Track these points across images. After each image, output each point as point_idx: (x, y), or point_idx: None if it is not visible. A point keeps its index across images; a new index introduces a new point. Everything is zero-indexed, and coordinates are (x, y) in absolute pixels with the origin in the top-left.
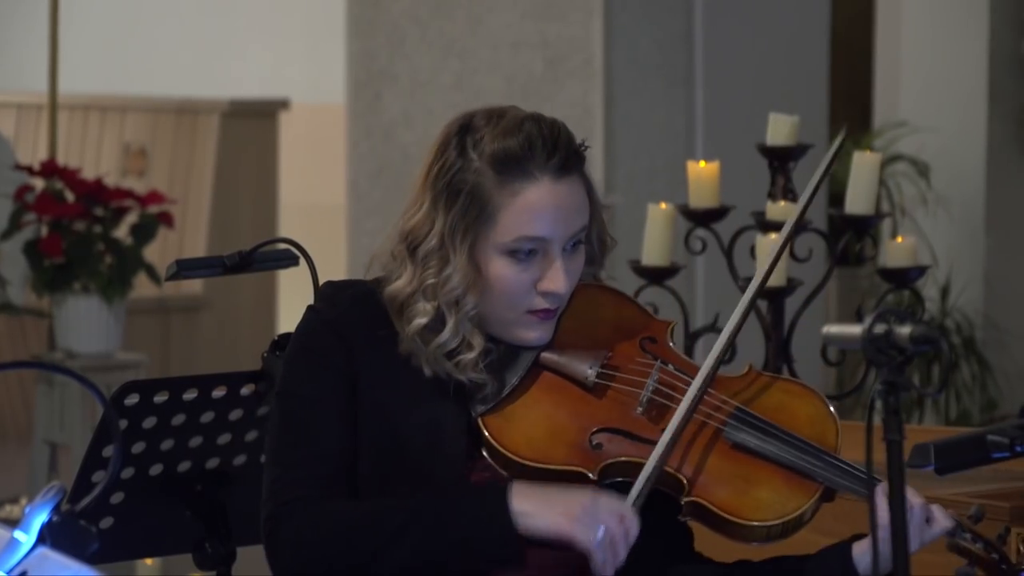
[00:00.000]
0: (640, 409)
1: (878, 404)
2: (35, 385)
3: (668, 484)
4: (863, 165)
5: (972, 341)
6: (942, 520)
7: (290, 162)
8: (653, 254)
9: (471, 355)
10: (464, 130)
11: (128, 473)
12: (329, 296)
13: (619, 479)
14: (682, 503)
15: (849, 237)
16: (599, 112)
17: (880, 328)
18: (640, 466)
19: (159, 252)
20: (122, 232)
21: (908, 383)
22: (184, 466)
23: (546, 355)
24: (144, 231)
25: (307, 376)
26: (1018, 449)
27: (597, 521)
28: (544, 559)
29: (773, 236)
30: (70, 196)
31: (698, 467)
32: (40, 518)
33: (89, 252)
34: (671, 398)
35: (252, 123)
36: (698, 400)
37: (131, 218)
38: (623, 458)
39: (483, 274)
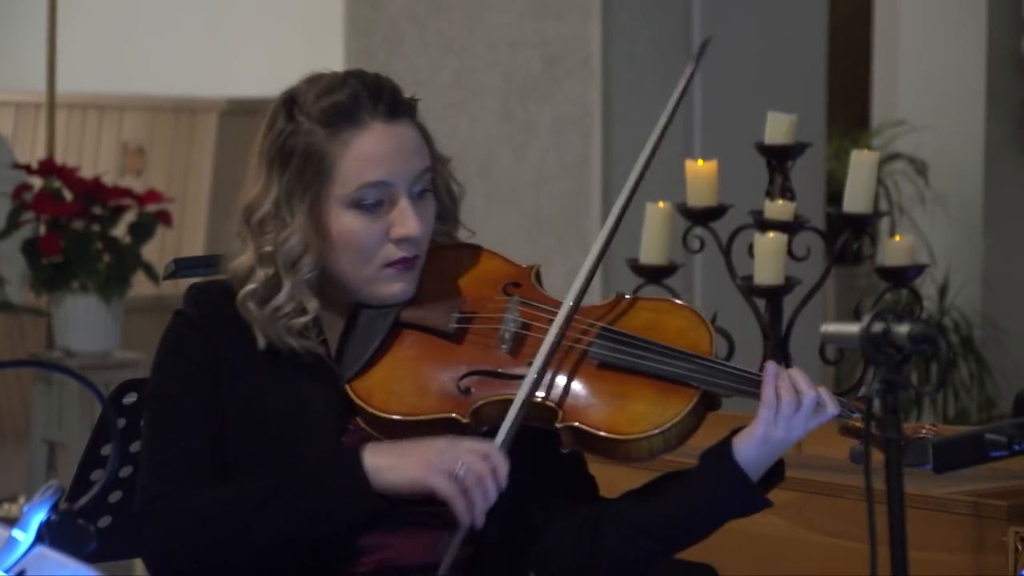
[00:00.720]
0: (504, 347)
1: (876, 403)
2: (33, 384)
3: (541, 416)
4: (861, 164)
5: (970, 340)
6: (830, 405)
7: None
8: (651, 253)
9: (303, 319)
10: (289, 101)
11: (126, 472)
12: (191, 297)
13: (495, 422)
14: (558, 431)
15: (847, 236)
16: (597, 111)
17: (878, 327)
18: (511, 402)
19: (157, 251)
20: (120, 231)
21: (906, 382)
22: None
23: (405, 313)
24: (142, 230)
25: (170, 377)
26: (1016, 448)
27: (455, 462)
28: (409, 544)
29: (772, 235)
30: (68, 195)
31: (568, 392)
32: (38, 517)
33: (87, 251)
34: (533, 329)
35: (250, 122)
36: (565, 326)
37: (129, 217)
38: (493, 397)
39: (328, 232)
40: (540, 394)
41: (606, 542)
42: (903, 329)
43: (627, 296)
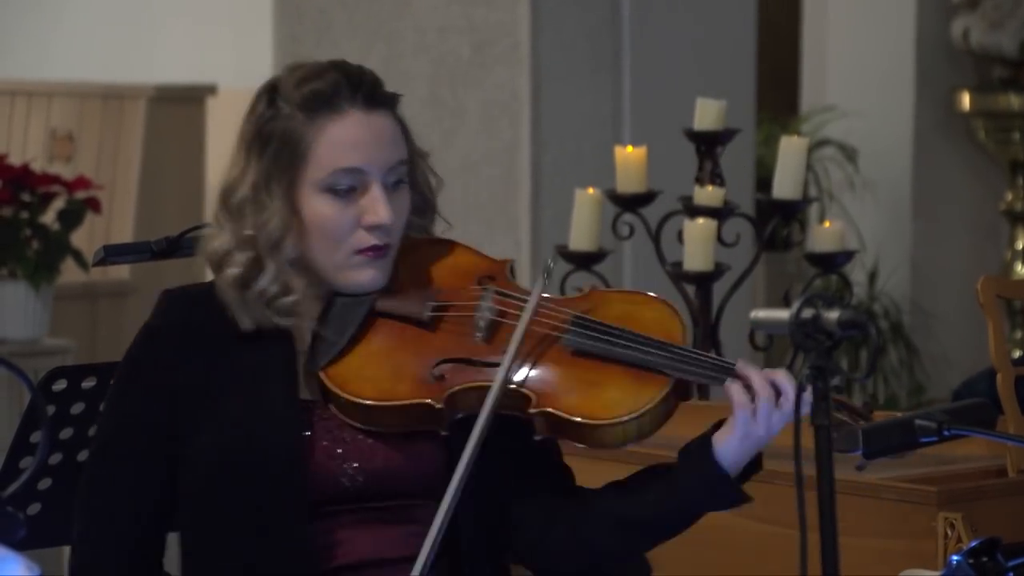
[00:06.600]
0: (479, 335)
1: (806, 389)
2: None
3: (514, 403)
4: (790, 150)
5: (899, 326)
6: (791, 392)
7: (217, 147)
8: (581, 239)
9: (290, 299)
10: (271, 88)
11: (56, 459)
12: (160, 308)
13: (469, 409)
14: (532, 417)
15: (776, 222)
16: (526, 97)
17: (808, 313)
18: (486, 389)
19: (86, 238)
20: (49, 218)
21: (836, 368)
22: None
23: (380, 302)
24: (71, 217)
25: (121, 424)
26: (945, 434)
27: None
28: (367, 540)
29: (701, 221)
30: None
31: (542, 379)
32: None
33: (16, 238)
34: (507, 318)
35: (179, 108)
36: (534, 311)
37: (58, 204)
38: (467, 384)
39: (302, 216)
40: (514, 381)
41: (590, 537)
42: (832, 315)
43: (600, 288)
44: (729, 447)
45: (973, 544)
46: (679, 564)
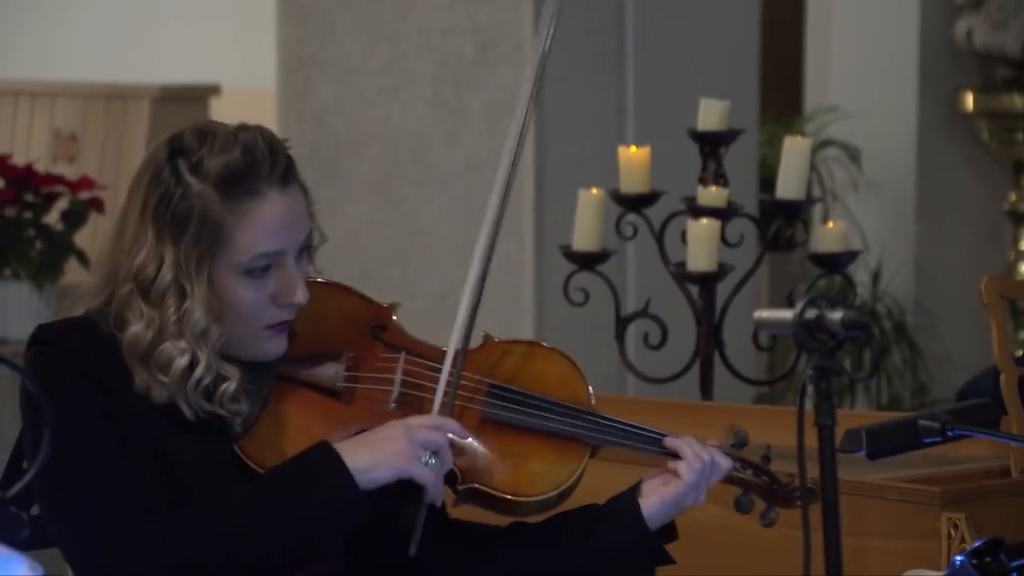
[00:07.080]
0: (394, 405)
1: (809, 389)
2: None
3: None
4: (794, 150)
5: (903, 326)
6: (723, 462)
7: None
8: (584, 239)
9: (232, 385)
10: (175, 154)
11: None
12: (56, 341)
13: None
14: (457, 490)
15: (780, 222)
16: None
17: (811, 313)
18: None
19: (89, 238)
20: (52, 218)
21: (839, 368)
22: None
23: (287, 367)
24: (74, 217)
25: (69, 412)
26: (949, 434)
27: (423, 447)
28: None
29: (705, 221)
30: (0, 182)
31: (466, 452)
32: None
33: (19, 238)
34: (421, 388)
35: (183, 108)
36: (450, 390)
37: (61, 204)
38: None
39: (222, 299)
40: None
41: None
42: (836, 315)
43: (496, 339)
44: (660, 513)
45: (976, 544)
46: (679, 564)
